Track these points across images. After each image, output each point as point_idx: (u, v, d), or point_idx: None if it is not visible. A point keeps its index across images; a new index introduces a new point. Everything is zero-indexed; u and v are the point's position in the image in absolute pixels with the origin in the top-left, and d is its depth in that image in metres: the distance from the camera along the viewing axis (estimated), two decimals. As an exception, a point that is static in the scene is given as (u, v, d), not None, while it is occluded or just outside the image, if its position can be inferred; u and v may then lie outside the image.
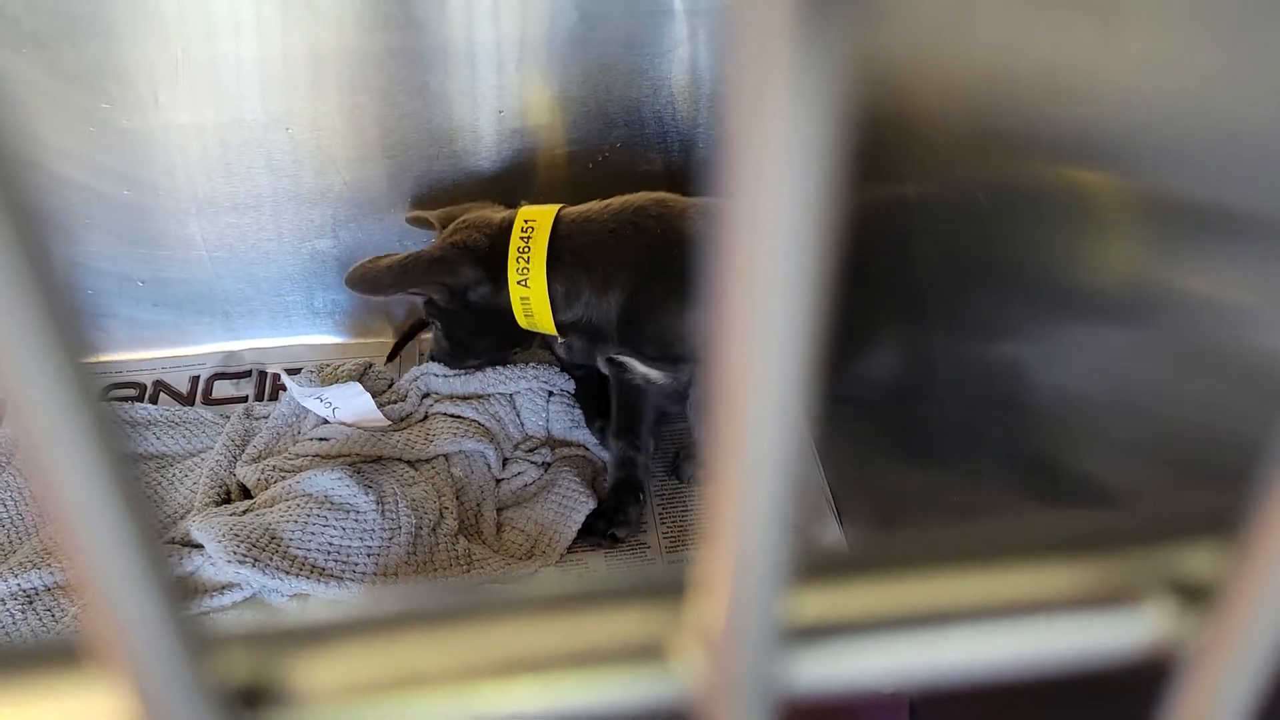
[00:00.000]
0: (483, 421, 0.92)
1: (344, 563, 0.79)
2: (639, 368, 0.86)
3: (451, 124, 0.94)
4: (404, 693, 0.10)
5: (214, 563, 0.78)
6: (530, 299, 0.81)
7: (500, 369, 0.94)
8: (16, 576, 0.79)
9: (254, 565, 0.76)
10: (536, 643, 0.10)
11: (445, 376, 0.95)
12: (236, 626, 0.10)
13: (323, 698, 0.10)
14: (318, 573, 0.78)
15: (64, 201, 0.93)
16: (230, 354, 1.03)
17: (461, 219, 0.86)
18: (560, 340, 0.86)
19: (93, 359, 0.09)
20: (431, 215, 0.91)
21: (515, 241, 0.81)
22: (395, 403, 0.94)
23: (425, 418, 0.94)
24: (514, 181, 0.98)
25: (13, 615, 0.78)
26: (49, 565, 0.80)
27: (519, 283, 0.81)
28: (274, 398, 0.99)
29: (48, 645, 0.10)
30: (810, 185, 0.09)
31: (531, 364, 0.94)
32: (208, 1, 0.85)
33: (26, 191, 0.08)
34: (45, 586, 0.80)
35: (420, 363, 0.98)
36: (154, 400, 0.99)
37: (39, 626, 0.77)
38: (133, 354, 1.03)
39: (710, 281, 0.10)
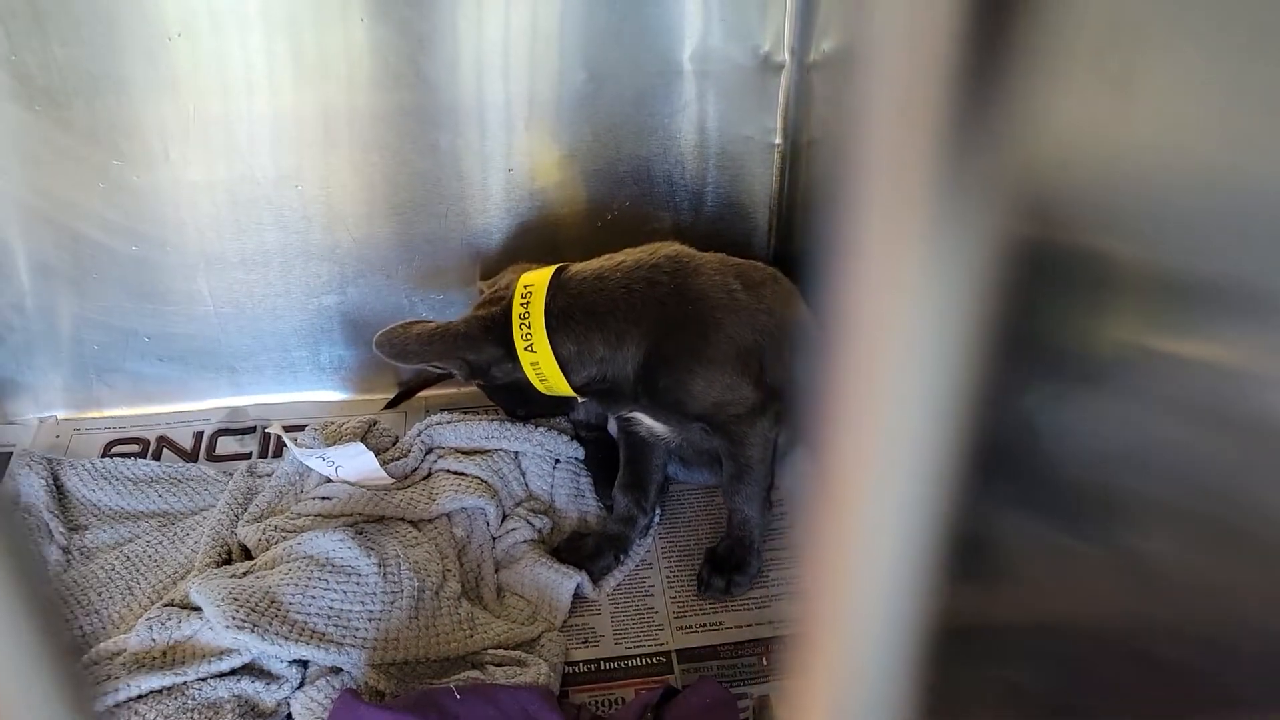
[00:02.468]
0: (485, 478, 0.91)
1: (344, 627, 0.78)
2: (645, 420, 0.85)
3: (461, 182, 0.94)
4: None
5: (212, 627, 0.76)
6: (540, 363, 0.80)
7: (508, 425, 0.93)
8: None
9: (252, 630, 0.74)
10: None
11: (452, 424, 0.94)
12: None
13: None
14: (317, 638, 0.76)
15: (73, 256, 0.93)
16: (235, 410, 1.03)
17: (492, 289, 0.85)
18: (580, 401, 0.85)
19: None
20: (484, 284, 0.90)
21: (516, 309, 0.80)
22: (399, 459, 0.93)
23: (429, 475, 0.93)
24: (523, 240, 0.98)
25: (6, 679, 0.76)
26: None
27: (526, 349, 0.80)
28: (278, 454, 0.98)
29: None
30: (948, 349, 0.08)
31: (540, 428, 0.94)
32: (220, 59, 0.86)
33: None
34: None
35: (424, 417, 0.97)
36: (157, 456, 0.98)
37: (32, 690, 0.75)
38: (137, 409, 1.02)
39: (824, 389, 0.09)
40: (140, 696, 0.73)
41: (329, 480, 0.91)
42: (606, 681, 0.79)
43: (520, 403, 0.91)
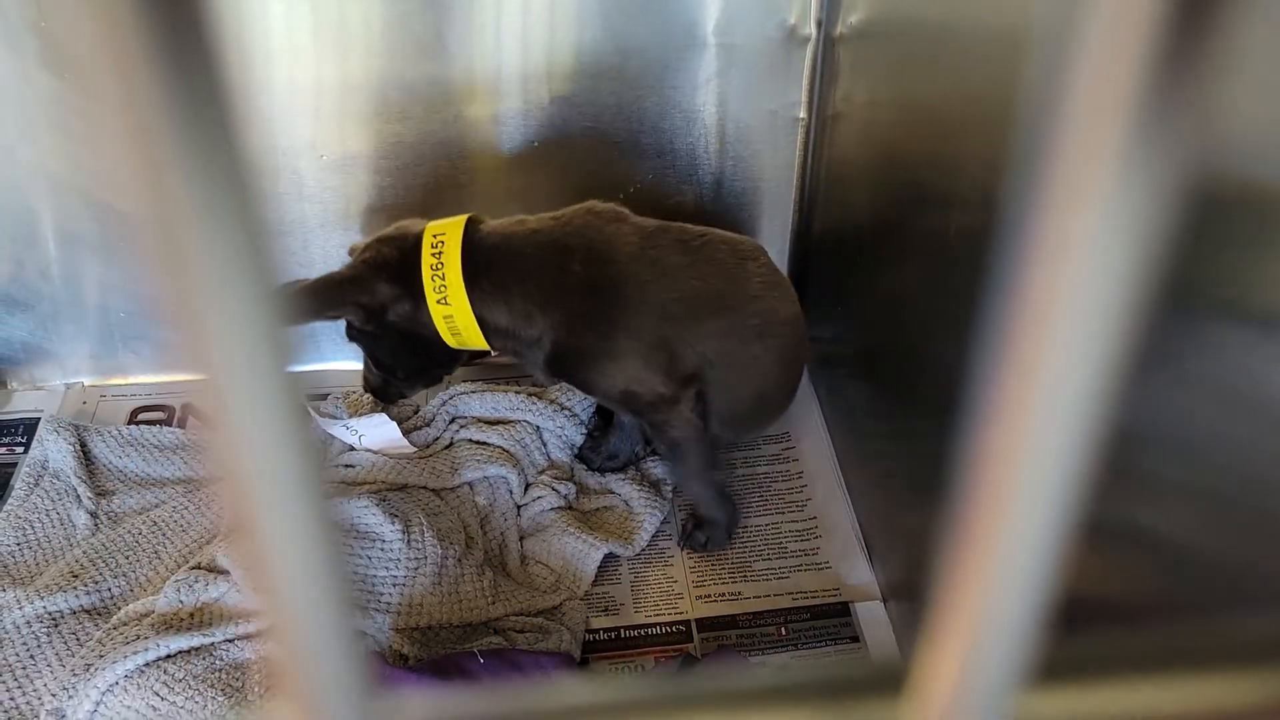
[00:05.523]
0: (507, 447, 0.91)
1: (369, 593, 0.79)
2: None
3: (484, 153, 0.94)
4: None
5: (239, 590, 0.77)
6: (454, 316, 0.78)
7: (534, 399, 0.94)
8: (42, 599, 0.79)
9: (280, 593, 0.76)
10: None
11: (478, 395, 0.95)
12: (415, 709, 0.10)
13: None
14: (343, 602, 0.78)
15: (99, 224, 0.94)
16: (257, 378, 1.04)
17: (376, 234, 0.82)
18: (493, 353, 0.83)
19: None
20: (357, 244, 0.87)
21: (427, 259, 0.77)
22: (421, 428, 0.94)
23: (450, 444, 0.93)
24: (544, 212, 0.98)
25: (37, 638, 0.78)
26: (75, 589, 0.80)
27: (439, 301, 0.77)
28: (300, 423, 0.98)
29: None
30: (1118, 304, 0.08)
31: (563, 413, 0.94)
32: (241, 29, 0.86)
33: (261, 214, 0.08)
34: (70, 610, 0.80)
35: (446, 387, 0.97)
36: (183, 424, 0.99)
37: (63, 650, 0.77)
38: (162, 376, 1.03)
39: (983, 387, 0.09)
40: (169, 656, 0.74)
41: (352, 449, 0.92)
42: (627, 650, 0.80)
43: (410, 358, 0.86)
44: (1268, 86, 0.40)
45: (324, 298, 0.78)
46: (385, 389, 0.89)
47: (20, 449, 0.95)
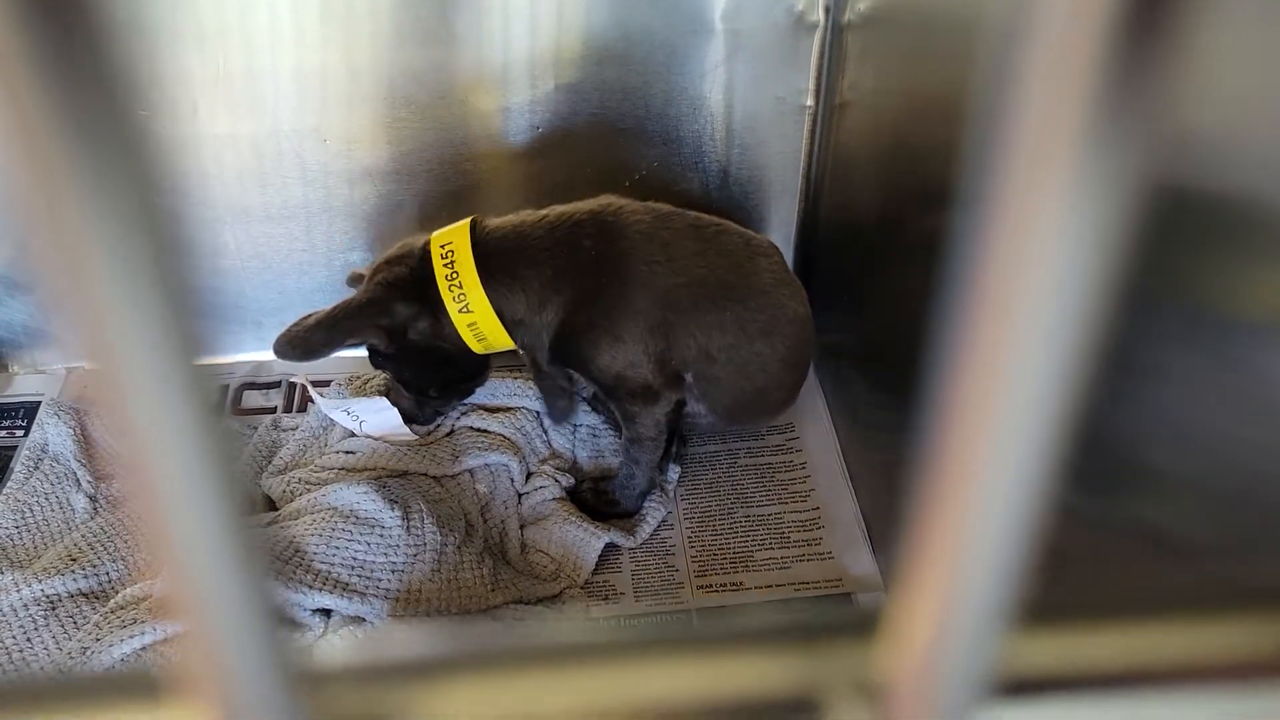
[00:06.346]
0: (508, 435, 0.91)
1: (367, 578, 0.78)
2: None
3: (487, 139, 0.94)
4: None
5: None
6: (478, 323, 0.78)
7: (533, 386, 0.93)
8: (40, 582, 0.79)
9: (276, 578, 0.75)
10: (674, 688, 0.09)
11: None
12: (344, 659, 0.09)
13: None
14: (341, 588, 0.77)
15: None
16: (260, 364, 1.03)
17: (382, 257, 0.83)
18: (521, 354, 0.83)
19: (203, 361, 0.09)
20: (364, 269, 0.88)
21: (440, 270, 0.77)
22: (422, 417, 0.93)
23: (451, 431, 0.93)
24: (548, 199, 0.97)
25: (34, 621, 0.77)
26: (73, 572, 0.80)
27: (461, 310, 0.78)
28: (302, 409, 0.98)
29: (131, 674, 0.09)
30: (1082, 287, 0.08)
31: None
32: (247, 13, 0.85)
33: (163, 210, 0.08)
34: (68, 593, 0.79)
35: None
36: (182, 408, 0.99)
37: (60, 634, 0.76)
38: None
39: (953, 313, 0.09)
40: (165, 640, 0.74)
41: (353, 435, 0.91)
42: (626, 639, 0.80)
43: (437, 374, 0.86)
44: (1269, 90, 0.40)
45: (344, 325, 0.79)
46: (420, 410, 0.89)
47: (20, 432, 0.95)
